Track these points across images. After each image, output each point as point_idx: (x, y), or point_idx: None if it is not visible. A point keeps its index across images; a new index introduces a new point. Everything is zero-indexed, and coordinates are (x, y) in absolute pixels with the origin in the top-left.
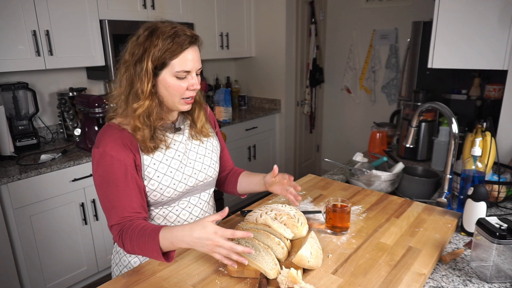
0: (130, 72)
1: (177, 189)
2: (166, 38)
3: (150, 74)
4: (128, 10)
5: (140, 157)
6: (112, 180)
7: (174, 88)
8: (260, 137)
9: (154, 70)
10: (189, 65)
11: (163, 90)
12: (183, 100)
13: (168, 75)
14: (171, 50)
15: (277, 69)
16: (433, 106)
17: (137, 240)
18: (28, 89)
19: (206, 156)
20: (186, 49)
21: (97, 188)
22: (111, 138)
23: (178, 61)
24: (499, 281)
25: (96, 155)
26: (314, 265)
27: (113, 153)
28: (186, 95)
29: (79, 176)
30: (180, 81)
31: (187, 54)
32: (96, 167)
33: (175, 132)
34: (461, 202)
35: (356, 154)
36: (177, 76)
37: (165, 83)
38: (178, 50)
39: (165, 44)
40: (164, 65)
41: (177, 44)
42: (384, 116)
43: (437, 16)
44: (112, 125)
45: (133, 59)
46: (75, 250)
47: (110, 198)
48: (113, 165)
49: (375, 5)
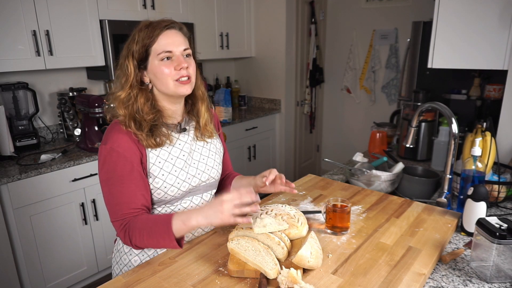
0: (119, 71)
1: (181, 188)
2: (141, 29)
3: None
4: (128, 10)
5: (146, 155)
6: (118, 177)
7: (162, 71)
8: (260, 137)
9: (139, 63)
10: (169, 45)
11: (154, 78)
12: (178, 82)
13: (153, 62)
14: (148, 36)
15: (277, 69)
16: (433, 106)
17: (148, 228)
18: (28, 89)
19: (209, 158)
20: (162, 32)
21: (102, 184)
22: (119, 135)
23: (157, 44)
24: (499, 281)
25: (103, 151)
26: (314, 265)
27: (119, 150)
28: (176, 76)
29: (79, 176)
30: (166, 63)
31: (165, 36)
32: (102, 164)
33: (181, 132)
34: (461, 202)
35: (356, 154)
36: (161, 58)
37: (153, 70)
38: (154, 34)
39: (142, 34)
40: (147, 53)
41: (152, 29)
42: (384, 116)
43: (437, 16)
44: (119, 122)
45: (121, 60)
46: (75, 250)
47: (114, 194)
48: (119, 162)
49: (375, 5)
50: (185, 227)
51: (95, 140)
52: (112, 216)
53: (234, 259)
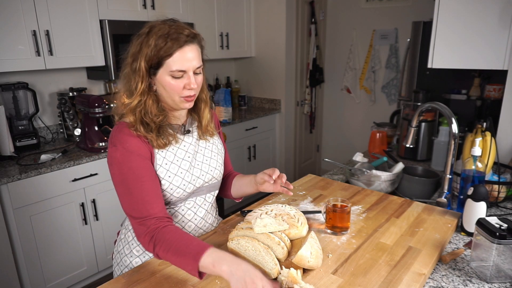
0: (128, 70)
1: (186, 189)
2: (160, 37)
3: (144, 73)
4: (128, 10)
5: (154, 156)
6: (136, 176)
7: (171, 87)
8: (260, 137)
9: (150, 69)
10: (185, 64)
11: (161, 89)
12: (183, 98)
13: (164, 74)
14: (164, 49)
15: (277, 69)
16: (433, 106)
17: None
18: (28, 89)
19: (212, 159)
20: (181, 48)
21: (119, 185)
22: (129, 135)
23: (173, 61)
24: (499, 281)
25: (116, 154)
26: (314, 265)
27: (133, 149)
28: (184, 94)
29: (79, 176)
30: (177, 81)
31: (182, 53)
32: (117, 165)
33: (185, 134)
34: (461, 202)
35: (356, 154)
36: (173, 75)
37: (162, 82)
38: (172, 50)
39: (159, 43)
40: (159, 64)
41: (171, 43)
42: (384, 116)
43: (437, 16)
44: (125, 123)
45: (131, 58)
46: (75, 250)
47: (135, 193)
48: (135, 161)
49: (375, 5)
50: (213, 269)
51: (95, 140)
52: (135, 217)
53: None
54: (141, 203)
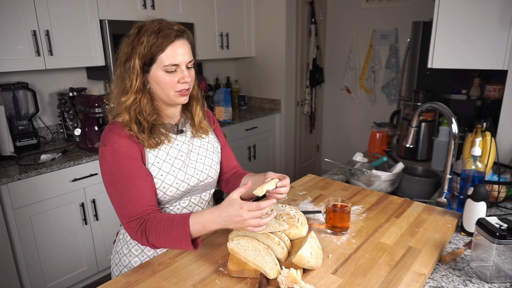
0: (121, 70)
1: (180, 188)
2: (151, 34)
3: (138, 71)
4: (128, 10)
5: (145, 155)
6: (125, 176)
7: (165, 82)
8: (260, 137)
9: (143, 66)
10: (177, 58)
11: (155, 85)
12: (178, 93)
13: (158, 70)
14: (156, 45)
15: (277, 69)
16: (433, 106)
17: (164, 230)
18: (28, 89)
19: (207, 157)
20: (172, 43)
21: (109, 186)
22: (119, 135)
23: (165, 55)
24: (499, 281)
25: (106, 154)
26: (314, 265)
27: (122, 150)
28: (178, 88)
29: (79, 176)
30: (170, 75)
31: (174, 47)
32: (106, 165)
33: (178, 134)
34: (461, 202)
35: (356, 154)
36: (167, 70)
37: (156, 78)
38: (164, 44)
39: (150, 39)
40: (152, 60)
41: (162, 38)
42: (384, 116)
43: (437, 16)
44: (117, 123)
45: (123, 58)
46: (75, 250)
47: (124, 193)
48: (124, 161)
49: (375, 5)
50: (204, 230)
51: (95, 140)
52: (125, 216)
53: (234, 259)
54: (130, 203)
